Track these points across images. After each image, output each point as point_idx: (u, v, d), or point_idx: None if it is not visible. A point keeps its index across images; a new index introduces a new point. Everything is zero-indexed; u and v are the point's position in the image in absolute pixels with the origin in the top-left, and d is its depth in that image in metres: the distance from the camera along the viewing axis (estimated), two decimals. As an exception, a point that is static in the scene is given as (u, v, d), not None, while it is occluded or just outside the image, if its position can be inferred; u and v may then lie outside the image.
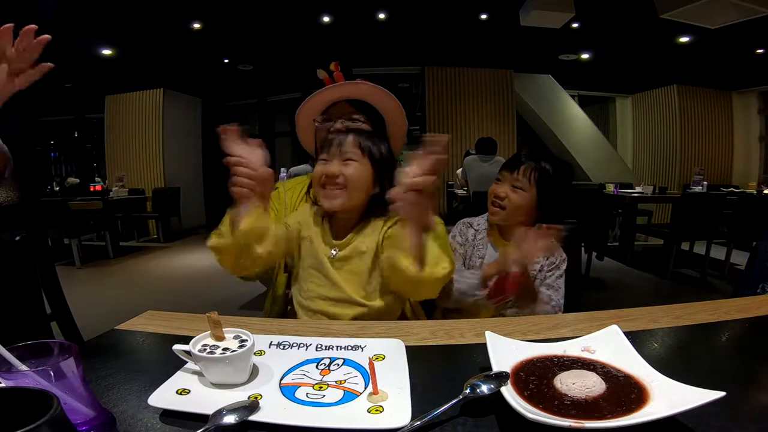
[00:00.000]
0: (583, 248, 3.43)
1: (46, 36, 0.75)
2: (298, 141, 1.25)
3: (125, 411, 0.54)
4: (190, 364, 0.64)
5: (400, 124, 1.21)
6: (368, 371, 0.59)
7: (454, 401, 0.52)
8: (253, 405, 0.53)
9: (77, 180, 6.79)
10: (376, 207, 1.00)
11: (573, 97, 7.17)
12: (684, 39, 5.23)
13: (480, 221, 1.26)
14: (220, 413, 0.50)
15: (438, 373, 0.64)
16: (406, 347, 0.70)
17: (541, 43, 5.52)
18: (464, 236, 1.24)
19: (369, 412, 0.53)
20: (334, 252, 0.99)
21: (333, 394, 0.58)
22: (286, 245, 0.99)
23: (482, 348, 0.62)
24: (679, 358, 0.70)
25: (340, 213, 0.99)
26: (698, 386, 0.49)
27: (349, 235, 1.00)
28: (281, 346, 0.73)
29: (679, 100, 6.62)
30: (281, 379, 0.62)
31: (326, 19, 4.83)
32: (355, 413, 0.53)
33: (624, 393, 0.52)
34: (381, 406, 0.54)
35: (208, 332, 0.64)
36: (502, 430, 0.50)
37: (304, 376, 0.63)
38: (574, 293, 1.40)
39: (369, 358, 0.63)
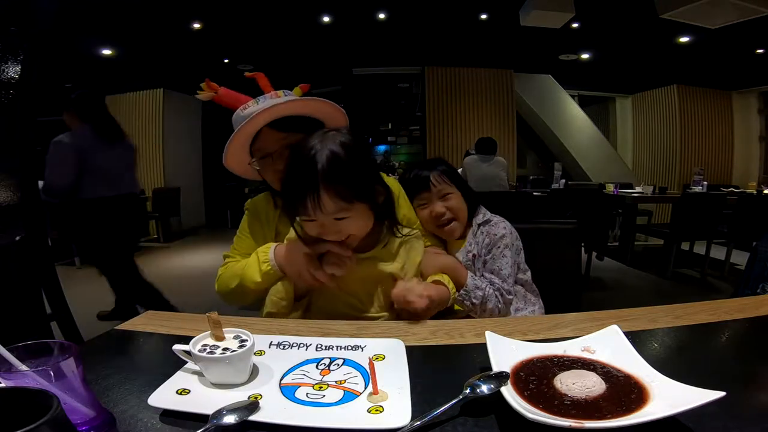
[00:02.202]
0: (583, 248, 3.44)
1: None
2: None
3: (125, 411, 0.54)
4: (190, 364, 0.64)
5: (336, 118, 1.04)
6: (368, 371, 0.59)
7: (454, 401, 0.52)
8: (253, 405, 0.53)
9: None
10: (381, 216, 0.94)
11: (573, 97, 7.17)
12: (684, 39, 5.23)
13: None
14: (220, 413, 0.50)
15: (438, 373, 0.64)
16: (406, 347, 0.70)
17: (541, 43, 5.51)
18: None
19: (369, 412, 0.53)
20: None
21: (333, 394, 0.58)
22: None
23: (482, 348, 0.62)
24: (679, 358, 0.70)
25: None
26: (698, 386, 0.49)
27: (371, 252, 0.95)
28: (281, 346, 0.73)
29: (679, 100, 6.62)
30: (281, 379, 0.62)
31: (326, 19, 4.83)
32: (355, 413, 0.53)
33: (624, 393, 0.52)
34: (381, 406, 0.54)
35: (208, 332, 0.64)
36: (502, 430, 0.50)
37: (304, 376, 0.63)
38: (574, 293, 1.40)
39: (369, 358, 0.63)
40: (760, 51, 5.51)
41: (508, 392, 0.51)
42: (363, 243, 0.94)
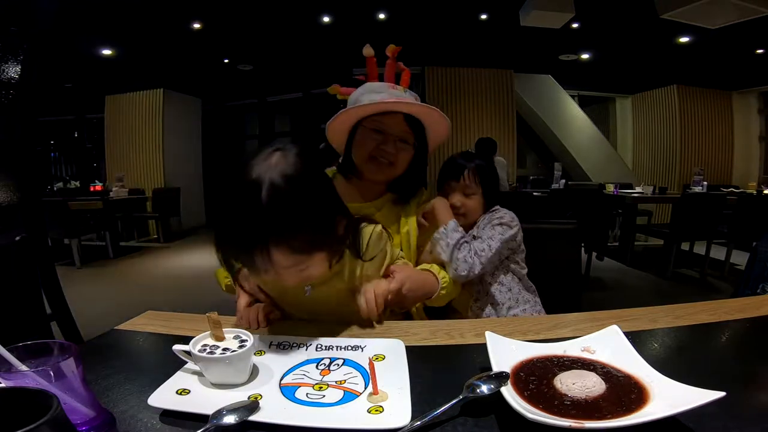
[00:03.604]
0: (583, 248, 3.44)
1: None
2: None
3: (125, 411, 0.54)
4: (190, 364, 0.64)
5: (442, 140, 1.17)
6: (368, 371, 0.59)
7: (454, 401, 0.52)
8: (253, 405, 0.53)
9: (77, 183, 6.80)
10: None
11: (573, 97, 7.17)
12: (684, 39, 5.23)
13: None
14: (220, 413, 0.50)
15: (438, 373, 0.64)
16: (406, 347, 0.70)
17: (541, 43, 5.51)
18: None
19: (369, 412, 0.53)
20: (307, 289, 0.85)
21: (333, 394, 0.58)
22: None
23: (482, 348, 0.62)
24: (679, 358, 0.70)
25: None
26: (698, 386, 0.49)
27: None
28: (281, 346, 0.73)
29: (679, 100, 6.62)
30: (281, 379, 0.62)
31: (326, 19, 4.83)
32: (355, 413, 0.53)
33: (624, 393, 0.52)
34: (381, 406, 0.54)
35: (208, 332, 0.64)
36: (502, 430, 0.50)
37: (304, 376, 0.63)
38: (574, 293, 1.40)
39: (369, 358, 0.63)
40: (760, 51, 5.51)
41: (508, 392, 0.51)
42: None
